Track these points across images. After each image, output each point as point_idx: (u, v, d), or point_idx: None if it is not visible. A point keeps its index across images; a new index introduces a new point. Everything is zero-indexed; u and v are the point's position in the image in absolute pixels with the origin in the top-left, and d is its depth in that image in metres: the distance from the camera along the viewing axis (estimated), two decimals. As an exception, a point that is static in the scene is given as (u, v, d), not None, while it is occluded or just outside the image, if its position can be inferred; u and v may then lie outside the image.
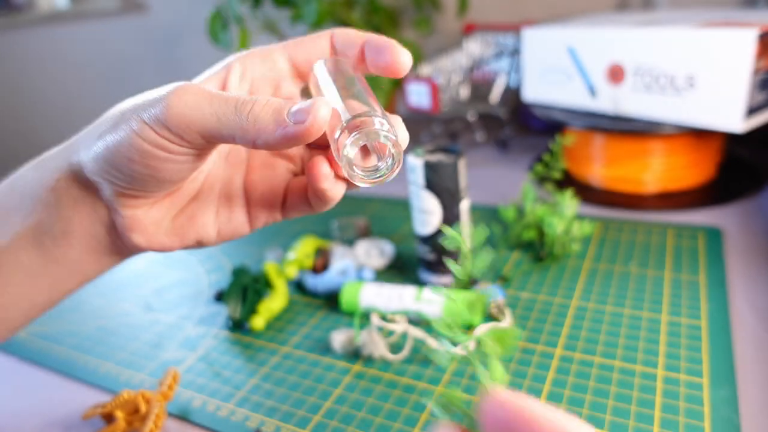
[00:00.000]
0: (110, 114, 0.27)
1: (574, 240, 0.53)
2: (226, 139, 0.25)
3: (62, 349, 0.50)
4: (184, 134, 0.24)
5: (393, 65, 0.28)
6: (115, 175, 0.26)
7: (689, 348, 0.40)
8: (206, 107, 0.24)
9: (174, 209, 0.30)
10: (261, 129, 0.24)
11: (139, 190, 0.27)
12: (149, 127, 0.24)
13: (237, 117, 0.24)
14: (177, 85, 0.25)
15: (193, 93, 0.24)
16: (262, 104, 0.24)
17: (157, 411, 0.38)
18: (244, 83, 0.29)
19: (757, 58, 0.52)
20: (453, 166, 0.46)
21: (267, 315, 0.49)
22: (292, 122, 0.23)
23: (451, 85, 0.85)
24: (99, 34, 1.65)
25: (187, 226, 0.30)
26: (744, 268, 0.49)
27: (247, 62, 0.29)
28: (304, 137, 0.23)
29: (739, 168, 0.69)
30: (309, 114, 0.23)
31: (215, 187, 0.30)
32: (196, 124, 0.24)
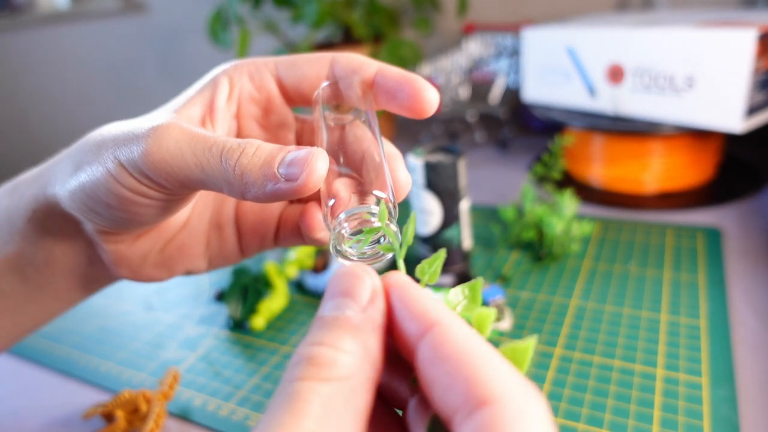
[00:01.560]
0: (86, 144, 0.24)
1: (573, 240, 0.53)
2: (211, 189, 0.22)
3: (63, 348, 0.50)
4: (165, 183, 0.22)
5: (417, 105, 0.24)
6: (93, 216, 0.24)
7: (689, 347, 0.40)
8: (189, 155, 0.21)
9: (161, 241, 0.28)
10: (249, 183, 0.21)
11: (121, 229, 0.25)
12: (127, 172, 0.22)
13: (223, 168, 0.21)
14: (157, 124, 0.22)
15: (174, 138, 0.22)
16: (250, 154, 0.21)
17: (157, 410, 0.39)
18: (231, 104, 0.26)
19: (756, 59, 0.52)
20: (453, 166, 0.46)
21: (267, 315, 0.49)
22: (283, 178, 0.20)
23: (451, 86, 0.85)
24: (99, 34, 1.65)
25: (176, 257, 0.28)
26: (743, 268, 0.49)
27: (234, 78, 0.26)
28: (296, 194, 0.21)
29: (739, 168, 0.69)
30: (303, 170, 0.20)
31: (205, 215, 0.29)
32: (177, 174, 0.22)
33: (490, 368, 0.14)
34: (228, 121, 0.26)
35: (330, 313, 0.16)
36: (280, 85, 0.26)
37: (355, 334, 0.16)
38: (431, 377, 0.15)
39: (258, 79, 0.26)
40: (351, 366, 0.15)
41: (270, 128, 0.28)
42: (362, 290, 0.17)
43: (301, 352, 0.15)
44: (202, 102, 0.25)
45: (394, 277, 0.17)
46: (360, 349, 0.16)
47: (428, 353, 0.15)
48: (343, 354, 0.15)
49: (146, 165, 0.21)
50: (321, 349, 0.15)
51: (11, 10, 1.81)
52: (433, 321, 0.16)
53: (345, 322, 0.16)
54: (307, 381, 0.14)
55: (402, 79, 0.24)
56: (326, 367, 0.15)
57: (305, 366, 0.15)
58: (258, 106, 0.27)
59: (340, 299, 0.17)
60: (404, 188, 0.24)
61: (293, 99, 0.27)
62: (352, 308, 0.16)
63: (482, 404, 0.14)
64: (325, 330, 0.16)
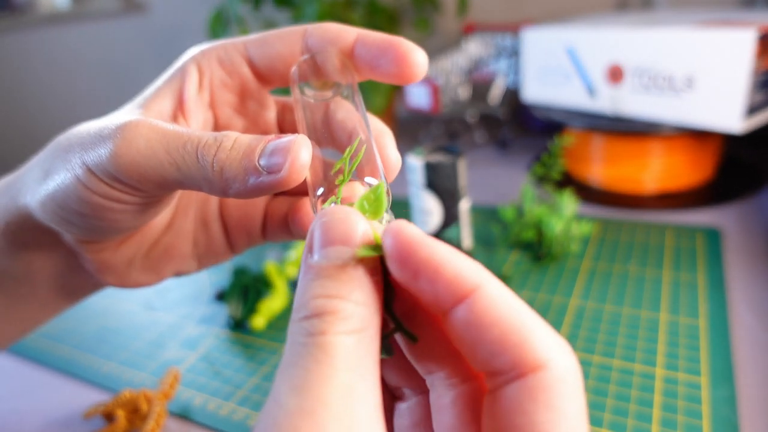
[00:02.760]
0: (54, 149, 0.22)
1: (573, 240, 0.54)
2: (190, 188, 0.21)
3: (64, 347, 0.50)
4: (139, 185, 0.20)
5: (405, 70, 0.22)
6: (68, 226, 0.23)
7: (688, 347, 0.40)
8: (162, 154, 0.20)
9: (145, 245, 0.26)
10: (230, 179, 0.19)
11: (100, 238, 0.24)
12: (96, 178, 0.20)
13: (200, 166, 0.20)
14: (124, 121, 0.20)
15: (144, 136, 0.20)
16: (228, 148, 0.19)
17: (158, 410, 0.39)
18: (203, 93, 0.24)
19: (756, 59, 0.52)
20: (453, 166, 0.46)
21: (268, 314, 0.50)
22: (265, 170, 0.19)
23: (451, 86, 0.85)
24: (99, 34, 1.65)
25: (163, 259, 0.27)
26: (743, 268, 0.49)
27: (203, 65, 0.24)
28: (281, 187, 0.19)
29: (738, 168, 0.69)
30: (285, 160, 0.19)
31: (189, 215, 0.27)
32: (151, 175, 0.20)
33: (539, 333, 0.15)
34: (202, 113, 0.25)
35: (331, 262, 0.16)
36: (253, 67, 0.24)
37: (363, 285, 0.16)
38: (474, 340, 0.15)
39: (228, 64, 0.24)
40: (366, 318, 0.15)
41: (248, 115, 0.26)
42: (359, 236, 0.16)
43: (316, 305, 0.15)
44: (170, 94, 0.24)
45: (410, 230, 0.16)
46: (370, 300, 0.16)
47: (471, 318, 0.15)
48: (359, 306, 0.15)
49: (116, 168, 0.20)
50: (338, 302, 0.15)
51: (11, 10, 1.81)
52: (473, 285, 0.15)
53: (353, 272, 0.16)
54: (334, 335, 0.14)
55: (385, 44, 0.22)
56: (348, 320, 0.15)
57: (328, 319, 0.15)
58: (232, 92, 0.25)
59: (339, 247, 0.16)
60: (394, 168, 0.22)
61: (269, 80, 0.25)
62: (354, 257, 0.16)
63: (533, 369, 0.14)
64: (334, 281, 0.16)
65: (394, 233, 0.16)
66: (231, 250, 0.28)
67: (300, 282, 0.16)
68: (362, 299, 0.16)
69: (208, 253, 0.28)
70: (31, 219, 0.24)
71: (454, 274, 0.15)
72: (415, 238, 0.16)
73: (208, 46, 0.24)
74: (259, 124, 0.26)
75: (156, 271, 0.27)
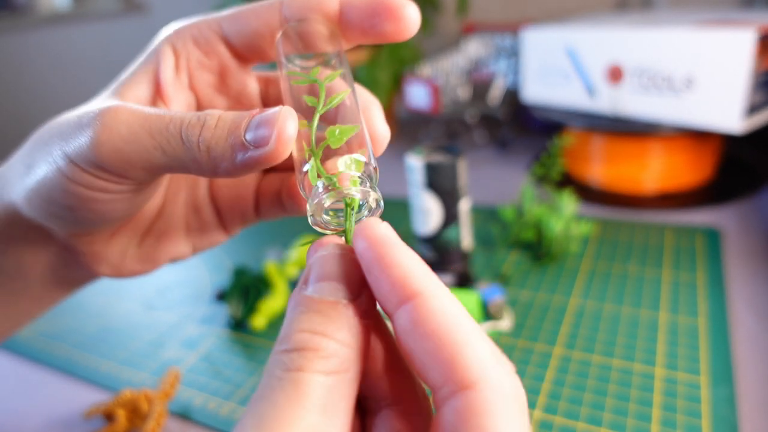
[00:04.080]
0: (35, 142, 0.22)
1: (572, 240, 0.54)
2: (179, 171, 0.20)
3: (64, 347, 0.50)
4: (125, 172, 0.20)
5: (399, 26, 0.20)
6: (57, 221, 0.22)
7: (688, 347, 0.40)
8: (145, 138, 0.19)
9: (137, 234, 0.26)
10: (218, 158, 0.19)
11: (91, 230, 0.23)
12: (79, 168, 0.20)
13: (186, 147, 0.19)
14: (102, 108, 0.20)
15: (125, 121, 0.19)
16: (212, 126, 0.19)
17: (158, 410, 0.39)
18: (181, 75, 0.23)
19: (755, 59, 0.52)
20: (453, 166, 0.46)
21: (268, 314, 0.50)
22: (252, 145, 0.18)
23: (451, 86, 0.85)
24: (100, 35, 1.65)
25: (157, 247, 0.26)
26: (742, 268, 0.49)
27: (178, 46, 0.23)
28: (269, 161, 0.19)
29: (738, 168, 0.70)
30: (272, 132, 0.18)
31: (179, 200, 0.26)
32: (137, 160, 0.19)
33: (470, 350, 0.14)
34: (183, 95, 0.24)
35: (323, 296, 0.16)
36: (229, 45, 0.23)
37: (351, 325, 0.15)
38: (410, 349, 0.15)
39: (204, 44, 0.23)
40: (349, 360, 0.15)
41: (231, 94, 0.25)
42: (355, 278, 0.16)
43: (299, 339, 0.15)
44: (146, 79, 0.23)
45: (375, 229, 0.16)
46: (355, 342, 0.15)
47: (408, 326, 0.15)
48: (343, 347, 0.15)
49: (99, 156, 0.19)
50: (321, 340, 0.15)
51: (11, 10, 1.82)
52: (414, 292, 0.15)
53: (343, 311, 0.15)
54: (311, 373, 0.14)
55: (374, 3, 0.21)
56: (328, 360, 0.14)
57: (307, 356, 0.14)
58: (211, 72, 0.24)
59: (333, 284, 0.16)
60: (383, 141, 0.22)
61: (247, 57, 0.24)
62: (346, 296, 0.16)
63: (463, 388, 0.14)
64: (322, 317, 0.15)
65: (360, 232, 0.16)
66: (225, 232, 0.27)
67: (288, 313, 0.16)
68: (347, 340, 0.15)
69: (202, 237, 0.27)
70: (19, 216, 0.23)
71: (400, 276, 0.15)
72: (376, 235, 0.16)
73: (182, 25, 0.23)
74: (242, 102, 0.26)
75: (151, 259, 0.26)
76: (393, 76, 0.92)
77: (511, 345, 0.43)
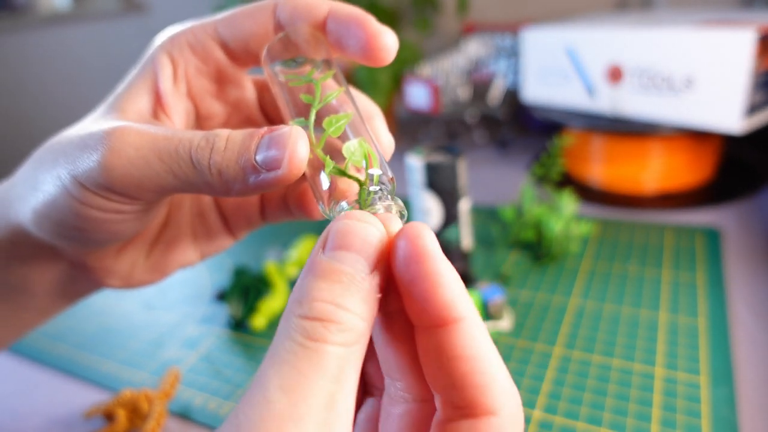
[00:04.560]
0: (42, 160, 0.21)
1: (572, 240, 0.54)
2: (190, 192, 0.20)
3: (64, 347, 0.50)
4: (136, 195, 0.20)
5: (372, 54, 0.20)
6: (67, 242, 0.22)
7: (688, 347, 0.40)
8: (155, 162, 0.19)
9: (145, 247, 0.26)
10: (230, 181, 0.19)
11: (100, 247, 0.23)
12: (89, 191, 0.20)
13: (197, 171, 0.19)
14: (108, 129, 0.20)
15: (133, 144, 0.19)
16: (221, 149, 0.19)
17: (158, 410, 0.39)
18: (179, 84, 0.23)
19: (755, 59, 0.52)
20: (453, 166, 0.46)
21: (268, 314, 0.50)
22: (264, 168, 0.18)
23: (451, 86, 0.85)
24: (100, 35, 1.65)
25: (165, 257, 0.26)
26: (742, 268, 0.49)
27: (174, 54, 0.22)
28: (283, 183, 0.19)
29: (738, 168, 0.70)
30: (283, 156, 0.18)
31: (184, 208, 0.27)
32: (148, 184, 0.19)
33: (500, 380, 0.16)
34: (183, 105, 0.24)
35: (342, 266, 0.16)
36: (226, 49, 0.23)
37: (366, 299, 0.16)
38: (440, 366, 0.16)
39: (201, 50, 0.23)
40: (361, 333, 0.15)
41: (229, 100, 0.25)
42: (374, 252, 0.16)
43: (321, 308, 0.15)
44: (146, 90, 0.22)
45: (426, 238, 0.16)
46: (369, 316, 0.16)
47: (446, 345, 0.16)
48: (359, 321, 0.15)
49: (109, 180, 0.19)
50: (344, 314, 0.15)
51: (11, 10, 1.82)
52: (460, 316, 0.16)
53: (360, 284, 0.16)
54: (331, 345, 0.15)
55: (353, 23, 0.20)
56: (345, 333, 0.15)
57: (329, 328, 0.15)
58: (209, 78, 0.24)
59: (353, 254, 0.16)
60: (388, 151, 0.22)
61: (244, 61, 0.23)
62: (364, 270, 0.16)
63: (488, 413, 0.15)
64: (342, 288, 0.15)
65: (410, 237, 0.16)
66: (232, 236, 0.27)
67: (305, 274, 0.16)
68: (365, 314, 0.16)
69: (209, 243, 0.27)
70: (27, 236, 0.23)
71: (449, 298, 0.16)
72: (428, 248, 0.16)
73: (176, 31, 0.23)
74: (241, 108, 0.26)
75: (160, 269, 0.26)
76: (393, 76, 0.92)
77: (511, 345, 0.43)
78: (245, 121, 0.26)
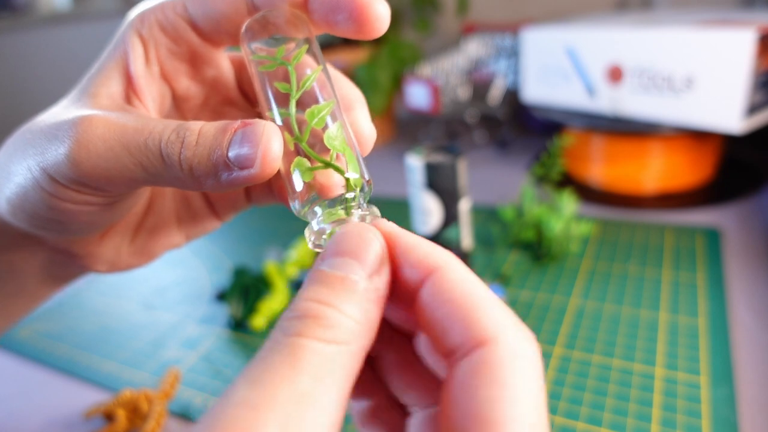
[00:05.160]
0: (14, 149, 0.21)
1: (572, 240, 0.54)
2: (161, 186, 0.20)
3: (64, 347, 0.50)
4: (106, 187, 0.19)
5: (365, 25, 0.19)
6: (46, 232, 0.22)
7: (688, 347, 0.40)
8: (124, 155, 0.18)
9: (129, 232, 0.25)
10: (201, 176, 0.18)
11: (81, 236, 0.23)
12: (59, 184, 0.19)
13: (167, 165, 0.18)
14: (76, 118, 0.19)
15: (101, 137, 0.18)
16: (192, 144, 0.18)
17: (158, 410, 0.39)
18: (151, 65, 0.22)
19: (755, 59, 0.52)
20: (453, 166, 0.46)
21: (268, 314, 0.50)
22: (237, 166, 0.18)
23: (451, 86, 0.85)
24: (100, 34, 1.65)
25: (150, 241, 0.26)
26: (742, 268, 0.49)
27: (145, 35, 0.21)
28: (255, 181, 0.18)
29: (738, 168, 0.70)
30: (256, 154, 0.18)
31: (167, 193, 0.26)
32: (117, 177, 0.19)
33: (487, 309, 0.15)
34: (157, 87, 0.23)
35: (334, 271, 0.16)
36: (197, 29, 0.22)
37: (360, 301, 0.15)
38: (433, 320, 0.15)
39: (171, 30, 0.21)
40: (352, 332, 0.15)
41: (206, 81, 0.24)
42: (371, 256, 0.16)
43: (303, 306, 0.15)
44: (117, 73, 0.21)
45: (385, 225, 0.17)
46: (362, 317, 0.15)
47: (430, 297, 0.15)
48: (346, 319, 0.15)
49: (77, 173, 0.18)
50: (326, 309, 0.15)
51: (11, 10, 1.82)
52: (434, 266, 0.16)
53: (351, 286, 0.15)
54: (309, 339, 0.14)
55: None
56: (329, 329, 0.14)
57: (308, 323, 0.14)
58: (182, 60, 0.23)
59: (347, 259, 0.16)
60: (369, 141, 0.21)
61: (217, 41, 0.22)
62: (359, 273, 0.16)
63: (480, 344, 0.14)
64: (330, 289, 0.15)
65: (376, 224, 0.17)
66: (218, 219, 0.27)
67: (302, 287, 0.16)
68: (354, 314, 0.15)
69: (195, 226, 0.27)
70: (6, 224, 0.23)
71: (423, 253, 0.16)
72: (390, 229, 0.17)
73: (146, 8, 0.22)
74: (218, 88, 0.25)
75: (145, 252, 0.26)
76: (393, 76, 0.92)
77: (511, 345, 0.43)
78: (224, 101, 0.26)
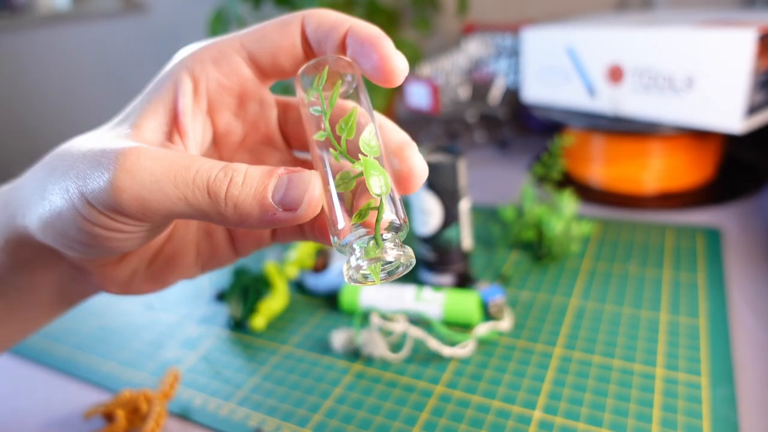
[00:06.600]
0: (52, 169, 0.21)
1: (573, 240, 0.54)
2: (200, 219, 0.20)
3: (63, 347, 0.50)
4: (145, 218, 0.20)
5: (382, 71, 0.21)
6: (70, 250, 0.22)
7: (688, 347, 0.40)
8: (169, 188, 0.19)
9: (147, 258, 0.26)
10: (244, 215, 0.19)
11: (102, 257, 0.24)
12: (96, 210, 0.19)
13: (212, 201, 0.19)
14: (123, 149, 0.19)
15: (148, 169, 0.19)
16: (239, 183, 0.19)
17: (158, 410, 0.39)
18: (199, 101, 0.23)
19: (756, 59, 0.52)
20: (453, 166, 0.46)
21: (268, 314, 0.49)
22: (281, 207, 0.19)
23: (451, 86, 0.85)
24: (99, 34, 1.65)
25: (166, 269, 0.26)
26: (743, 268, 0.49)
27: (196, 70, 0.22)
28: (296, 223, 0.20)
29: (738, 168, 0.69)
30: (302, 199, 0.19)
31: (191, 224, 0.26)
32: (159, 208, 0.19)
33: None
34: (200, 124, 0.24)
35: None
36: (253, 63, 0.23)
37: None
38: None
39: (225, 64, 0.23)
40: None
41: (248, 119, 0.25)
42: None
43: None
44: (163, 109, 0.22)
45: None
46: None
47: None
48: None
49: (118, 203, 0.19)
50: None
51: (11, 10, 1.81)
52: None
53: None
54: None
55: (369, 43, 0.21)
56: None
57: None
58: (230, 95, 0.24)
59: None
60: (420, 178, 0.22)
61: (269, 74, 0.24)
62: None
63: None
64: None
65: None
66: (236, 255, 0.27)
67: None
68: None
69: (212, 260, 0.27)
70: (32, 239, 0.23)
71: None
72: None
73: (199, 47, 0.23)
74: (259, 126, 0.26)
75: (159, 280, 0.26)
76: (393, 76, 0.92)
77: (511, 345, 0.43)
78: (262, 140, 0.26)
